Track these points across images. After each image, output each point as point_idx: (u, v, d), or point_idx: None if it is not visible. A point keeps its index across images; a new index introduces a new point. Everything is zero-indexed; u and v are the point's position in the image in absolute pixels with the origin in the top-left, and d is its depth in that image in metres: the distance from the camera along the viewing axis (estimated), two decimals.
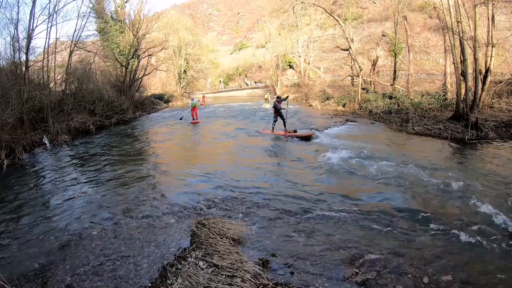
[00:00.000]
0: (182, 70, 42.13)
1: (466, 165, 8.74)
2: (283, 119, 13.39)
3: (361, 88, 22.78)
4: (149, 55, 29.70)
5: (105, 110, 19.57)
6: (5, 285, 3.65)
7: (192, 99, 20.45)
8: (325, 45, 36.16)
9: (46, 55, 16.37)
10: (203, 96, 36.61)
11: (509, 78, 17.16)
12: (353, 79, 26.82)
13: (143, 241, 5.02)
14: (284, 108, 13.63)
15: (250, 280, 3.67)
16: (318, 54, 35.79)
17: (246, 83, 51.61)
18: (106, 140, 14.80)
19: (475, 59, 13.21)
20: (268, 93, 31.68)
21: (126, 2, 30.13)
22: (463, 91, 13.74)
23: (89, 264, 4.44)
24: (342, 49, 27.08)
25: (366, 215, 5.62)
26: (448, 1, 13.69)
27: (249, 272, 3.81)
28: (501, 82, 16.87)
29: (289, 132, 13.23)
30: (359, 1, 40.19)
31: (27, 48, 14.46)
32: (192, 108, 19.52)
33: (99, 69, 24.95)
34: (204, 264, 4.04)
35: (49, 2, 15.84)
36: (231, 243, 4.63)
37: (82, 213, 6.32)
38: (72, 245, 4.99)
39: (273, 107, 13.79)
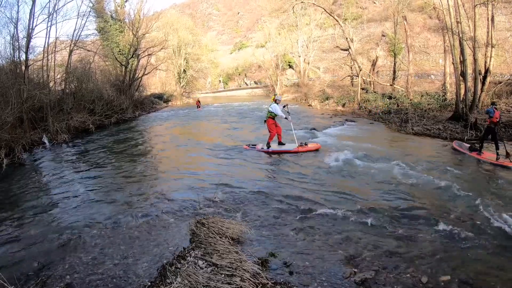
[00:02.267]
0: (182, 70, 42.16)
1: (465, 166, 8.74)
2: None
3: (360, 88, 22.81)
4: (148, 55, 29.75)
5: (105, 110, 19.59)
6: (5, 284, 3.66)
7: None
8: (325, 45, 36.13)
9: (45, 54, 16.39)
10: (197, 101, 30.99)
11: (509, 79, 17.19)
12: (352, 79, 26.85)
13: (142, 240, 5.02)
14: None
15: (249, 279, 3.68)
16: (318, 54, 35.77)
17: (245, 83, 51.62)
18: (106, 140, 14.80)
19: (475, 60, 13.22)
20: (277, 94, 25.67)
21: (126, 1, 30.18)
22: (462, 91, 13.77)
23: (89, 263, 4.44)
24: (341, 49, 27.10)
25: (365, 215, 5.63)
26: (448, 2, 13.70)
27: (248, 271, 3.82)
28: (500, 82, 16.90)
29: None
30: (359, 1, 40.17)
31: (27, 47, 14.47)
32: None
33: (99, 68, 24.99)
34: (203, 263, 4.04)
35: (49, 1, 15.88)
36: (230, 243, 4.63)
37: (81, 212, 6.33)
38: (72, 244, 4.99)
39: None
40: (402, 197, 6.43)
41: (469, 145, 9.87)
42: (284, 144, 10.85)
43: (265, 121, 10.77)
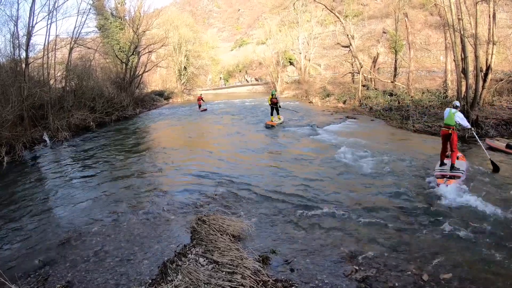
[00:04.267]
0: (183, 67, 42.03)
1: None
2: None
3: (361, 85, 22.73)
4: (149, 52, 29.69)
5: (105, 107, 19.58)
6: (6, 282, 3.66)
7: None
8: (326, 41, 35.95)
9: (46, 52, 16.35)
10: (199, 97, 25.70)
11: (510, 76, 17.08)
12: (353, 76, 26.73)
13: (143, 238, 5.03)
14: None
15: (250, 276, 3.67)
16: (319, 50, 35.62)
17: (246, 80, 51.48)
18: (106, 137, 14.80)
19: (476, 57, 13.14)
20: (274, 91, 17.72)
21: None
22: (463, 88, 13.70)
23: (89, 260, 4.45)
24: (342, 46, 26.98)
25: (366, 212, 5.62)
26: None
27: (249, 268, 3.82)
28: (501, 80, 16.80)
29: None
30: None
31: (27, 45, 14.45)
32: None
33: (99, 66, 24.91)
34: (204, 260, 4.04)
35: None
36: (231, 240, 4.63)
37: (82, 209, 6.33)
38: (72, 242, 5.00)
39: None
40: (402, 194, 6.40)
41: (505, 144, 9.60)
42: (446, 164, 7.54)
43: (447, 136, 7.41)
